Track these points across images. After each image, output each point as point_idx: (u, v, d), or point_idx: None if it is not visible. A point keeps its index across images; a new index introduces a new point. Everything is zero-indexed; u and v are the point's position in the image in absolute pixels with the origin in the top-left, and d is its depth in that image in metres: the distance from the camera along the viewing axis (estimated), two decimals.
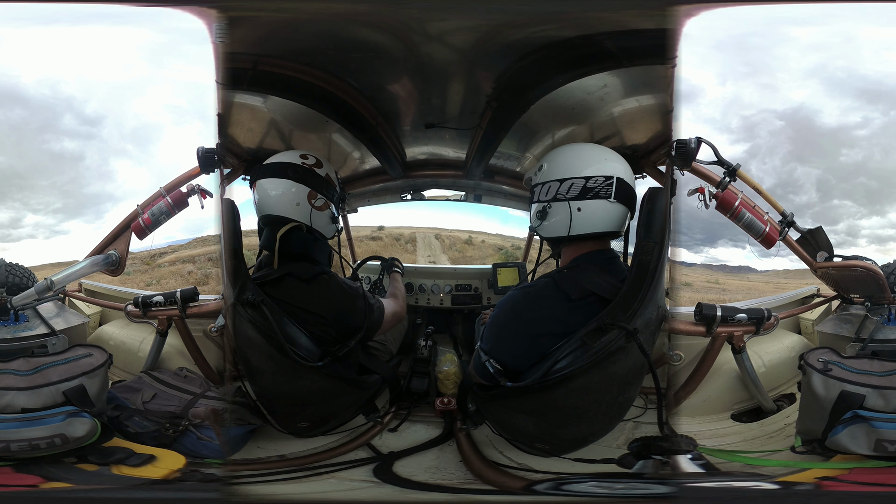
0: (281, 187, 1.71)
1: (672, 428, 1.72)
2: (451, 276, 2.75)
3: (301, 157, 1.74)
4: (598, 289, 1.47)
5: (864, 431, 1.52)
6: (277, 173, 1.71)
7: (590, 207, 1.52)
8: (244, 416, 1.71)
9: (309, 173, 1.72)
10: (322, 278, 1.70)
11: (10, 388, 1.55)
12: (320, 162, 1.77)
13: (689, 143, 1.76)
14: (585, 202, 1.51)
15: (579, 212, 1.51)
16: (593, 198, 1.51)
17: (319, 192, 1.72)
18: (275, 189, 1.71)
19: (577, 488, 1.52)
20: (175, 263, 3.54)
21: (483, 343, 1.58)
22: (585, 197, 1.51)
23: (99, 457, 1.57)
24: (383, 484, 1.55)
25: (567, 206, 1.52)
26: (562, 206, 1.53)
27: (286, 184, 1.70)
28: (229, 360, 1.78)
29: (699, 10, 1.58)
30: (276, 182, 1.71)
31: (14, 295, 1.91)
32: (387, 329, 1.91)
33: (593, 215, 1.52)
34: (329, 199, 1.76)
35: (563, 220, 1.54)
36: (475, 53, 1.65)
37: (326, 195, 1.74)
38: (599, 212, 1.52)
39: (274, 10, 1.59)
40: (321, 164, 1.76)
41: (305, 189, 1.71)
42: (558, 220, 1.55)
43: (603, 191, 1.50)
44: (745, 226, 1.92)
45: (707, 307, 1.82)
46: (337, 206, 1.80)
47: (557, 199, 1.54)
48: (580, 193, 1.51)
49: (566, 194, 1.52)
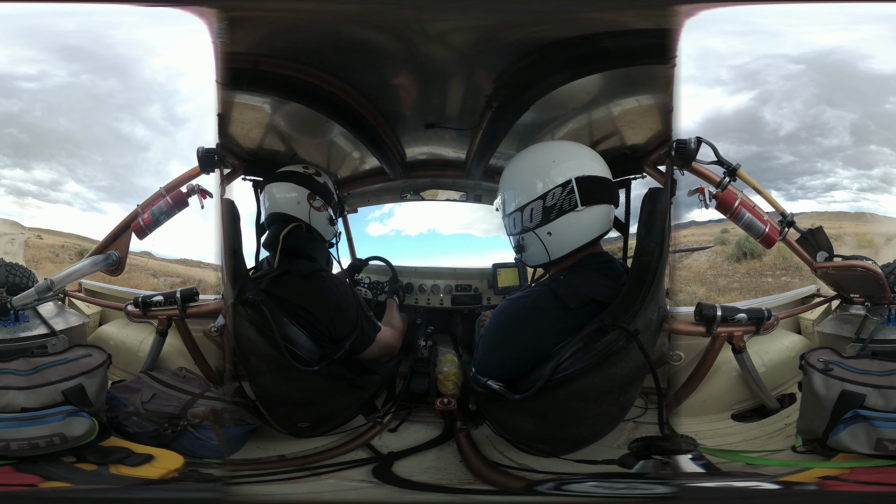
0: (283, 188, 1.87)
1: (672, 428, 1.72)
2: (451, 276, 2.74)
3: (303, 167, 1.93)
4: (597, 295, 1.43)
5: (865, 431, 1.52)
6: (282, 178, 1.89)
7: (559, 226, 1.42)
8: (243, 417, 1.71)
9: (309, 179, 1.89)
10: (319, 275, 1.77)
11: (10, 387, 1.56)
12: (320, 172, 1.94)
13: (689, 143, 1.76)
14: (552, 224, 1.41)
15: (550, 236, 1.41)
16: (558, 215, 1.41)
17: (318, 195, 1.88)
18: (278, 190, 1.87)
19: (578, 488, 1.52)
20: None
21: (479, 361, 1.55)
22: (549, 219, 1.41)
23: (98, 456, 1.57)
24: (383, 484, 1.54)
25: (535, 235, 1.43)
26: (531, 237, 1.45)
27: (289, 186, 1.87)
28: (229, 360, 1.78)
29: (699, 9, 1.58)
30: (280, 185, 1.88)
31: (14, 295, 1.92)
32: (375, 355, 1.85)
33: (567, 232, 1.43)
34: (327, 202, 1.90)
35: (539, 249, 1.46)
36: (475, 53, 1.65)
37: (324, 198, 1.90)
38: (571, 226, 1.42)
39: (274, 10, 1.59)
40: (320, 174, 1.94)
41: (305, 191, 1.86)
42: (535, 250, 1.48)
43: (565, 203, 1.39)
44: (745, 226, 1.92)
45: (707, 307, 1.82)
46: (335, 211, 1.95)
47: (525, 230, 1.46)
48: (543, 217, 1.41)
49: (531, 222, 1.43)
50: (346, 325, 1.74)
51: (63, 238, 2.07)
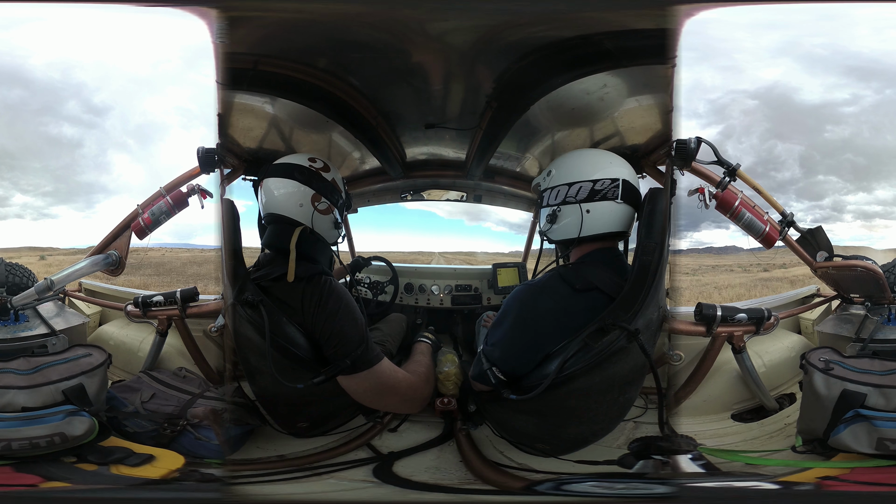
0: (286, 187, 1.70)
1: (672, 428, 1.72)
2: (451, 276, 2.75)
3: (309, 160, 1.74)
4: (601, 284, 1.50)
5: (866, 430, 1.53)
6: (284, 173, 1.71)
7: (598, 209, 1.56)
8: (243, 417, 1.71)
9: (315, 176, 1.72)
10: (318, 279, 1.64)
11: (11, 386, 1.56)
12: (328, 166, 1.76)
13: (688, 143, 1.76)
14: (594, 204, 1.56)
15: (588, 213, 1.56)
16: (601, 199, 1.56)
17: (323, 196, 1.72)
18: (280, 188, 1.71)
19: (578, 488, 1.52)
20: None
21: (487, 341, 1.58)
22: (594, 199, 1.56)
23: (98, 456, 1.57)
24: (383, 484, 1.55)
25: (577, 208, 1.57)
26: (572, 209, 1.58)
27: (292, 184, 1.70)
28: (229, 360, 1.78)
29: (699, 9, 1.58)
30: (282, 182, 1.71)
31: (14, 295, 1.92)
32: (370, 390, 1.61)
33: (602, 216, 1.56)
34: (333, 204, 1.74)
35: (573, 222, 1.58)
36: (475, 53, 1.66)
37: (330, 199, 1.73)
38: (607, 212, 1.56)
39: (274, 11, 1.59)
40: (328, 169, 1.76)
41: (310, 191, 1.70)
42: (569, 223, 1.58)
43: (610, 192, 1.56)
44: (745, 226, 1.93)
45: (707, 307, 1.83)
46: (341, 212, 1.79)
47: (567, 202, 1.58)
48: (589, 196, 1.57)
49: (575, 197, 1.57)
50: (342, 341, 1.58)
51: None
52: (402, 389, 1.66)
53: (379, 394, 1.64)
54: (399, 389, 1.66)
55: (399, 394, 1.66)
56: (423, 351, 1.86)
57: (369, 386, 1.61)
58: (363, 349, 1.58)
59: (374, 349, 1.63)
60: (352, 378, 1.59)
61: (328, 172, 1.75)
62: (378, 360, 1.61)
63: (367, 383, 1.60)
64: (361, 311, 1.66)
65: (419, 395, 1.70)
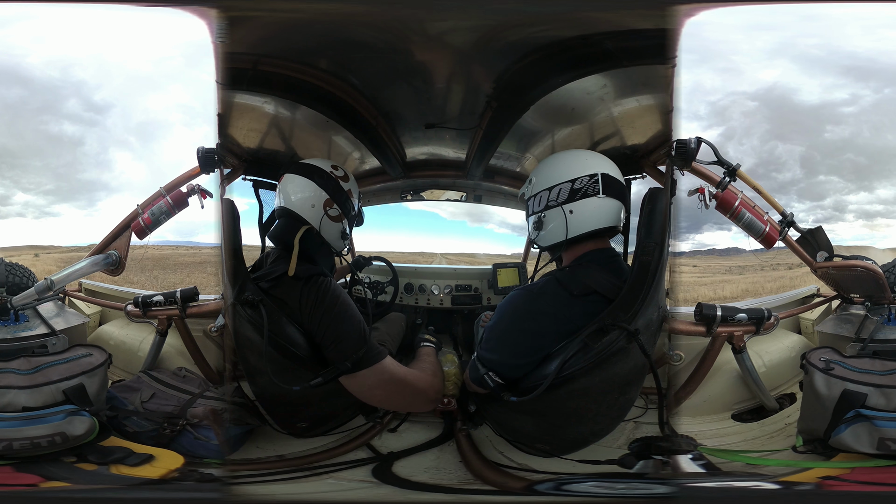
0: (302, 186, 1.72)
1: (673, 428, 1.72)
2: (451, 276, 2.75)
3: (332, 167, 1.77)
4: (599, 287, 1.48)
5: (867, 430, 1.53)
6: (304, 172, 1.74)
7: (581, 207, 1.54)
8: (242, 417, 1.70)
9: (333, 182, 1.74)
10: (317, 280, 1.62)
11: (11, 386, 1.57)
12: (348, 177, 1.79)
13: (688, 143, 1.76)
14: (575, 203, 1.55)
15: (572, 214, 1.55)
16: (582, 197, 1.54)
17: (336, 203, 1.73)
18: (296, 186, 1.73)
19: (578, 488, 1.52)
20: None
21: (483, 346, 1.56)
22: (575, 198, 1.55)
23: (98, 456, 1.57)
24: (383, 484, 1.54)
25: (560, 211, 1.56)
26: (555, 212, 1.57)
27: (309, 184, 1.72)
28: (229, 360, 1.78)
29: (699, 9, 1.58)
30: (300, 180, 1.73)
31: (14, 295, 1.92)
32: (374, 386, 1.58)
33: (586, 214, 1.54)
34: (344, 213, 1.76)
35: (559, 226, 1.56)
36: (475, 53, 1.66)
37: (343, 208, 1.75)
38: (591, 209, 1.54)
39: (274, 11, 1.59)
40: (347, 179, 1.78)
41: (325, 195, 1.72)
42: (555, 227, 1.57)
43: (590, 189, 1.54)
44: (745, 226, 1.93)
45: (707, 307, 1.82)
46: (350, 224, 1.81)
47: (549, 207, 1.58)
48: (569, 196, 1.55)
49: (556, 200, 1.56)
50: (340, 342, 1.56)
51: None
52: (410, 384, 1.64)
53: (387, 390, 1.61)
54: (408, 384, 1.63)
55: (409, 389, 1.63)
56: (428, 353, 1.87)
57: (375, 383, 1.58)
58: (364, 349, 1.56)
59: (376, 347, 1.61)
60: (355, 378, 1.56)
61: (347, 182, 1.77)
62: (381, 356, 1.59)
63: (372, 380, 1.58)
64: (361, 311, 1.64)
65: (431, 390, 1.67)
